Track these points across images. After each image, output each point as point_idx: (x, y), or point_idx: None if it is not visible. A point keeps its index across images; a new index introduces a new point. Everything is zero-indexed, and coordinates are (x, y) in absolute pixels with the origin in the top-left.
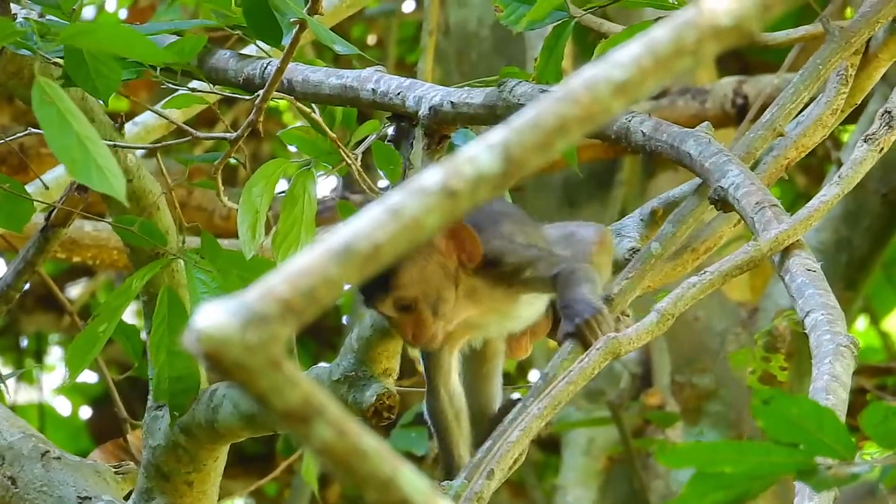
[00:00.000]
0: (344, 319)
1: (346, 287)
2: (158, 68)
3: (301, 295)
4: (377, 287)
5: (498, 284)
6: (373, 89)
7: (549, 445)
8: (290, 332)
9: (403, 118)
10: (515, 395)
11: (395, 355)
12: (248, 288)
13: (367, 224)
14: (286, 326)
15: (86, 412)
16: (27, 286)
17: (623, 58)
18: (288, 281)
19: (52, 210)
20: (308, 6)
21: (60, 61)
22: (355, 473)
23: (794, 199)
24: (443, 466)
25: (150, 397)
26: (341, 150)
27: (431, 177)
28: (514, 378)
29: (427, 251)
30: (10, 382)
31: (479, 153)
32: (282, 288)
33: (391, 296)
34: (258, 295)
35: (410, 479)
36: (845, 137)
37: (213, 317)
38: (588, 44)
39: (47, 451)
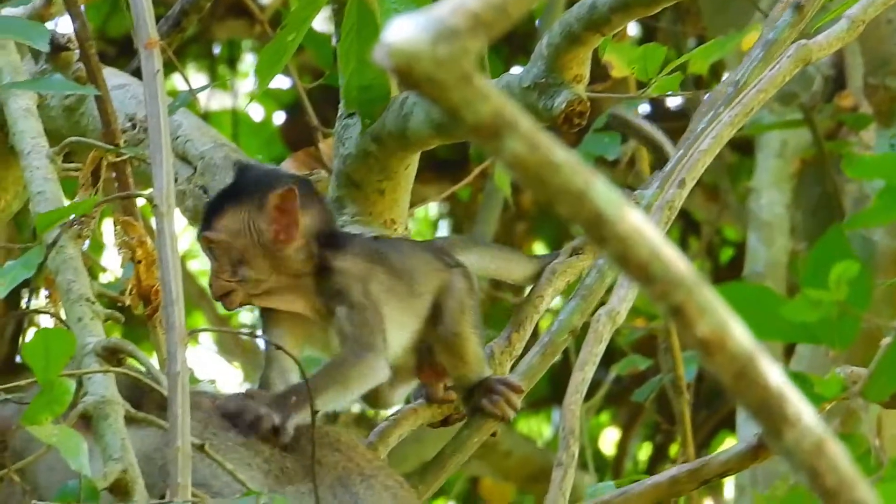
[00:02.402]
0: (536, 23)
1: None
2: None
3: (492, 8)
4: (205, 219)
5: (317, 296)
6: None
7: (742, 147)
8: (480, 46)
9: None
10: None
11: (586, 61)
12: (439, 0)
13: None
14: (477, 40)
15: (279, 118)
16: None
17: None
18: None
19: None
20: None
21: None
22: (547, 186)
23: None
24: None
25: (340, 105)
26: None
27: None
28: (708, 81)
29: (257, 208)
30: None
31: None
32: (473, 1)
33: (204, 233)
34: (449, 8)
35: (603, 190)
36: None
37: (403, 31)
38: None
39: (238, 161)
